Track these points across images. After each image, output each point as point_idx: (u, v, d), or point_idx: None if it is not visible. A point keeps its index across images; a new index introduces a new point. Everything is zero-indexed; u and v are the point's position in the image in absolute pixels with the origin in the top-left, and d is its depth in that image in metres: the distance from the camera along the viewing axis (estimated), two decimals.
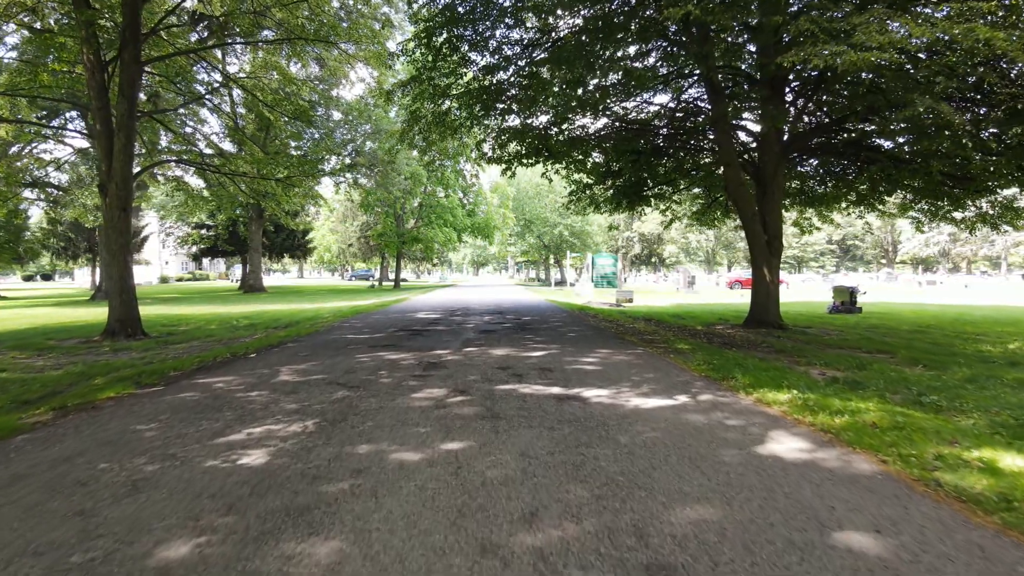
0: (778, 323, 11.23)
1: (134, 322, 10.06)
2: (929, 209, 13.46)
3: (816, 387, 4.61)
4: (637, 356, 6.22)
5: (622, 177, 14.29)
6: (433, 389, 4.36)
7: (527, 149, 12.42)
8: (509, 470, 2.53)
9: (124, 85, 10.32)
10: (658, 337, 8.54)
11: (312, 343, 7.60)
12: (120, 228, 10.15)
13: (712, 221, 16.32)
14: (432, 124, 12.71)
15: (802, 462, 2.65)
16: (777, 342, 8.51)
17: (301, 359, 6.02)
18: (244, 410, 3.69)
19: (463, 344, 7.19)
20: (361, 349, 6.81)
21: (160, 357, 6.80)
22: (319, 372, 5.15)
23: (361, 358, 6.05)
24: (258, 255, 32.90)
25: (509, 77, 11.35)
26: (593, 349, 6.78)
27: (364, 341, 7.70)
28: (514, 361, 5.75)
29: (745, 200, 11.13)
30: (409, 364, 5.60)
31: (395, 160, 29.20)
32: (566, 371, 5.15)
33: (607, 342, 7.61)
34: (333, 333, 9.03)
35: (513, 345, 7.07)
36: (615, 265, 18.24)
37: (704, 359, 5.94)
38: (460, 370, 5.22)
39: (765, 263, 11.22)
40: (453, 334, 8.44)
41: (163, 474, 2.52)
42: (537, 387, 4.43)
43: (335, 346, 7.16)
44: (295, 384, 4.59)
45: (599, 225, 44.64)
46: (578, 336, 8.33)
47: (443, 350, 6.62)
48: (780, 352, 7.31)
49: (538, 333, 8.69)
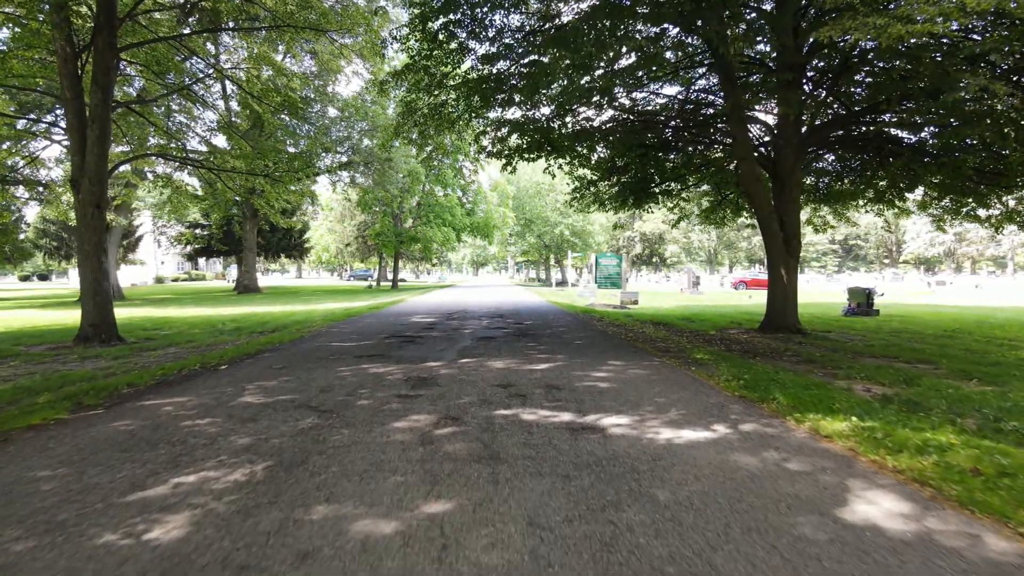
0: (796, 327, 10.53)
1: (109, 327, 9.38)
2: (952, 206, 12.77)
3: (872, 410, 3.90)
4: (654, 369, 5.50)
5: (628, 173, 13.59)
6: (420, 415, 3.65)
7: (529, 143, 11.72)
8: (513, 553, 1.82)
9: (98, 73, 9.63)
10: (672, 344, 7.82)
11: (293, 352, 6.88)
12: (93, 226, 9.45)
13: (721, 220, 15.60)
14: (428, 116, 12.01)
15: (915, 539, 1.94)
16: (802, 350, 7.80)
17: (275, 373, 5.31)
18: (184, 447, 2.98)
19: (459, 354, 6.47)
20: (345, 360, 6.09)
21: (125, 368, 6.13)
22: (290, 391, 4.44)
23: (342, 372, 5.33)
24: (253, 255, 32.17)
25: (510, 67, 10.66)
26: (604, 360, 6.06)
27: (350, 350, 6.98)
28: (516, 376, 5.03)
29: (762, 196, 10.43)
30: (396, 380, 4.88)
31: (392, 158, 28.47)
32: (576, 389, 4.44)
33: (618, 351, 6.90)
34: (319, 339, 8.32)
35: (514, 355, 6.36)
36: (619, 266, 17.52)
37: (731, 373, 5.23)
38: (453, 388, 4.50)
39: (782, 263, 10.52)
40: (448, 341, 7.73)
41: (30, 559, 1.80)
42: (544, 412, 3.71)
43: (317, 356, 6.44)
44: (258, 408, 3.87)
45: (601, 224, 43.96)
46: (585, 343, 7.62)
47: (436, 362, 5.91)
48: (810, 362, 6.61)
49: (541, 340, 7.98)
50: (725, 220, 15.80)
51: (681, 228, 61.73)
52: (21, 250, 40.27)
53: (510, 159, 12.09)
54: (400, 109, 12.78)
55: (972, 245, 53.76)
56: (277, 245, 41.99)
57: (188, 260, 44.75)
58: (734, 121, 10.33)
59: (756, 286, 34.17)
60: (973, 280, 35.69)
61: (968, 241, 53.48)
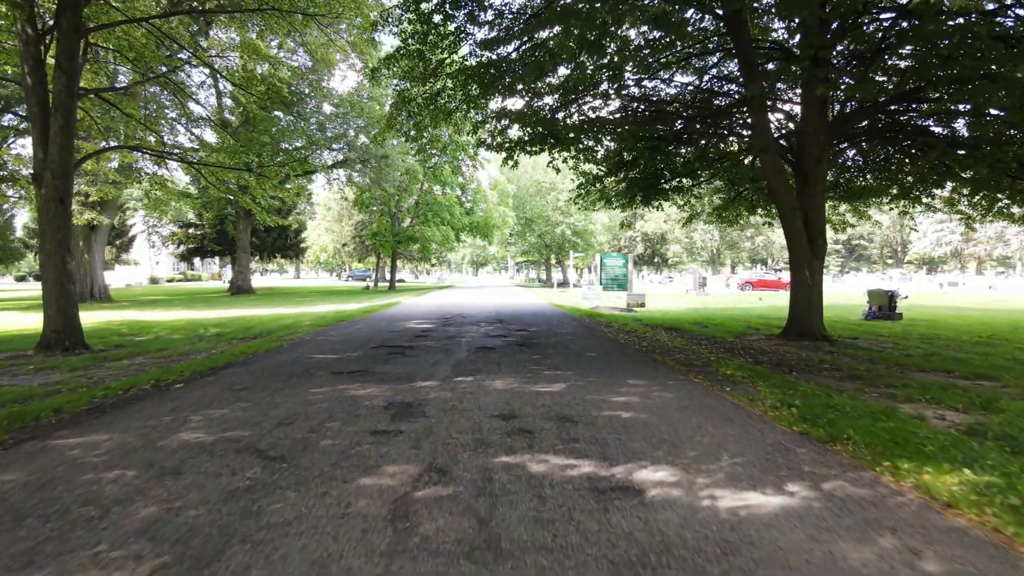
0: (822, 334, 9.70)
1: (74, 334, 8.57)
2: (983, 203, 11.94)
3: (974, 453, 3.04)
4: (683, 390, 4.65)
5: (636, 168, 12.74)
6: (396, 465, 2.79)
7: (531, 135, 10.87)
8: None
9: (62, 57, 8.82)
10: (693, 356, 6.97)
11: (265, 366, 6.03)
12: (56, 224, 8.62)
13: (734, 218, 14.73)
14: (423, 107, 11.18)
15: None
16: (839, 361, 6.96)
17: (232, 396, 4.45)
18: (60, 524, 2.12)
19: (453, 370, 5.61)
20: (321, 378, 5.23)
21: (74, 384, 5.36)
22: (241, 424, 3.58)
23: (314, 394, 4.48)
24: (246, 255, 31.32)
25: (511, 52, 9.82)
26: (622, 378, 5.20)
27: (330, 364, 6.13)
28: (520, 401, 4.17)
29: (785, 191, 9.58)
30: (375, 407, 4.02)
31: (389, 155, 27.61)
32: (596, 422, 3.58)
33: (636, 366, 6.04)
34: (300, 349, 7.46)
35: (518, 372, 5.50)
36: (626, 266, 16.67)
37: (776, 396, 4.38)
38: (443, 420, 3.65)
39: (807, 264, 9.67)
40: (443, 353, 6.87)
41: None
42: (559, 460, 2.86)
43: (290, 372, 5.59)
44: (190, 452, 3.02)
45: (603, 224, 43.16)
46: (597, 356, 6.76)
47: (426, 380, 5.05)
48: (855, 379, 5.75)
49: (547, 351, 7.12)
50: (738, 218, 14.93)
51: (682, 228, 60.86)
52: (12, 250, 39.45)
53: (511, 152, 11.26)
54: (394, 99, 11.95)
55: (980, 245, 52.89)
56: (272, 245, 41.14)
57: (182, 260, 43.89)
58: (754, 109, 9.48)
59: (762, 287, 33.35)
60: (985, 281, 34.83)
61: (975, 241, 52.61)
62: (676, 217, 58.53)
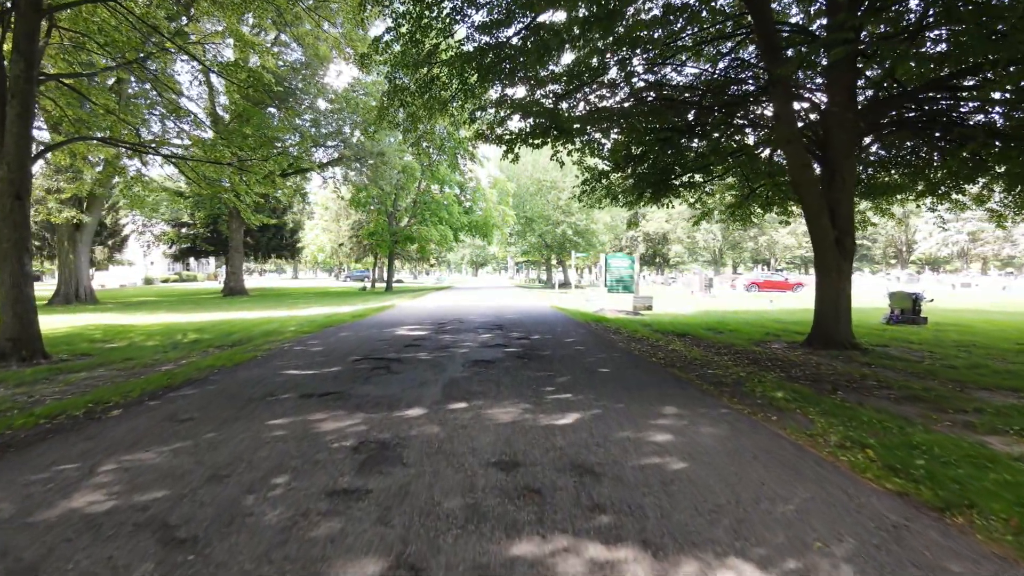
0: (851, 342, 8.87)
1: (31, 342, 7.77)
2: (1020, 199, 11.13)
3: None
4: (728, 424, 3.79)
5: (645, 162, 11.91)
6: (350, 560, 1.95)
7: (533, 126, 10.04)
8: None
9: (19, 39, 8.04)
10: (720, 371, 6.13)
11: (226, 386, 5.18)
12: (13, 221, 7.82)
13: (747, 216, 13.87)
14: (416, 95, 10.35)
15: None
16: (883, 376, 6.13)
17: (170, 431, 3.61)
18: None
19: (444, 392, 4.76)
20: (285, 403, 4.39)
21: (7, 405, 4.58)
22: (161, 478, 2.74)
23: (270, 429, 3.64)
24: (239, 256, 30.48)
25: (511, 37, 9.00)
26: (648, 404, 4.36)
27: (303, 382, 5.28)
28: (525, 442, 3.33)
29: (811, 186, 8.76)
30: (341, 450, 3.18)
31: (385, 152, 26.77)
32: (627, 478, 2.73)
33: (659, 385, 5.19)
34: (274, 362, 6.61)
35: (521, 394, 4.65)
36: (632, 267, 15.82)
37: (838, 430, 3.55)
38: (426, 472, 2.81)
39: (834, 267, 8.85)
40: (434, 368, 6.02)
41: None
42: (583, 545, 2.02)
43: (250, 394, 4.74)
44: (70, 530, 2.17)
45: (605, 223, 42.35)
46: (613, 371, 5.91)
47: (410, 408, 4.20)
48: (915, 400, 4.92)
49: (554, 365, 6.27)
50: (751, 217, 14.08)
51: (685, 227, 59.88)
52: None
53: (511, 145, 10.43)
54: (385, 86, 11.11)
55: (987, 245, 52.06)
56: (267, 245, 40.25)
57: (174, 260, 43.01)
58: (777, 97, 8.65)
59: (769, 288, 32.53)
60: (996, 281, 33.99)
61: (983, 241, 51.79)
62: (678, 216, 57.73)
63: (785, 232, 59.60)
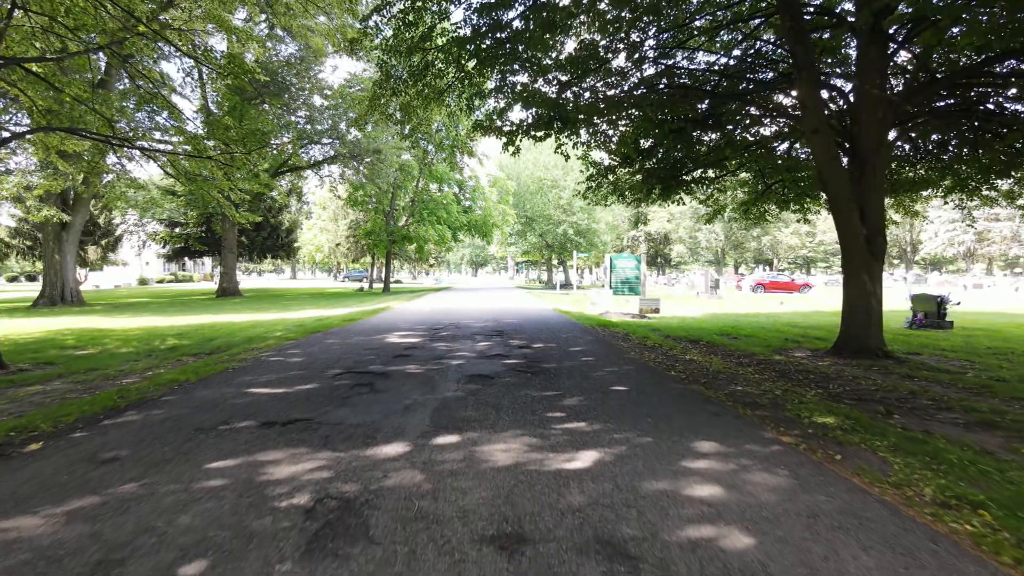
0: (883, 350, 8.11)
1: None
2: None
3: None
4: (784, 468, 3.02)
5: (655, 156, 11.17)
6: None
7: (535, 117, 9.29)
8: None
9: None
10: (750, 385, 5.37)
11: (176, 411, 4.42)
12: None
13: (761, 215, 13.11)
14: (409, 84, 9.60)
15: None
16: (933, 392, 5.37)
17: (77, 481, 2.85)
18: None
19: (433, 420, 4.00)
20: (241, 435, 3.63)
21: None
22: (15, 573, 1.99)
23: (208, 476, 2.88)
24: (233, 256, 29.69)
25: (513, 19, 8.25)
26: (679, 436, 3.59)
27: (268, 404, 4.52)
28: (534, 501, 2.56)
29: (840, 180, 7.99)
30: (290, 511, 2.41)
31: (381, 150, 25.99)
32: (673, 561, 1.98)
33: (689, 410, 4.42)
34: (243, 376, 5.84)
35: (526, 425, 3.88)
36: (638, 268, 15.05)
37: (926, 477, 2.80)
38: (398, 555, 2.04)
39: (864, 268, 8.07)
40: (424, 385, 5.25)
41: None
42: None
43: (201, 423, 3.98)
44: None
45: (607, 223, 41.59)
46: (632, 391, 5.14)
47: (391, 443, 3.43)
48: (989, 427, 4.16)
49: (561, 381, 5.51)
50: (766, 215, 13.32)
51: (687, 227, 59.04)
52: None
53: (512, 137, 9.69)
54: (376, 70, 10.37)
55: (994, 245, 51.30)
56: (262, 245, 39.47)
57: (167, 260, 42.22)
58: (803, 83, 7.88)
59: (775, 288, 31.78)
60: (1008, 282, 33.23)
61: (990, 241, 51.04)
62: (680, 216, 56.90)
63: (788, 232, 58.83)
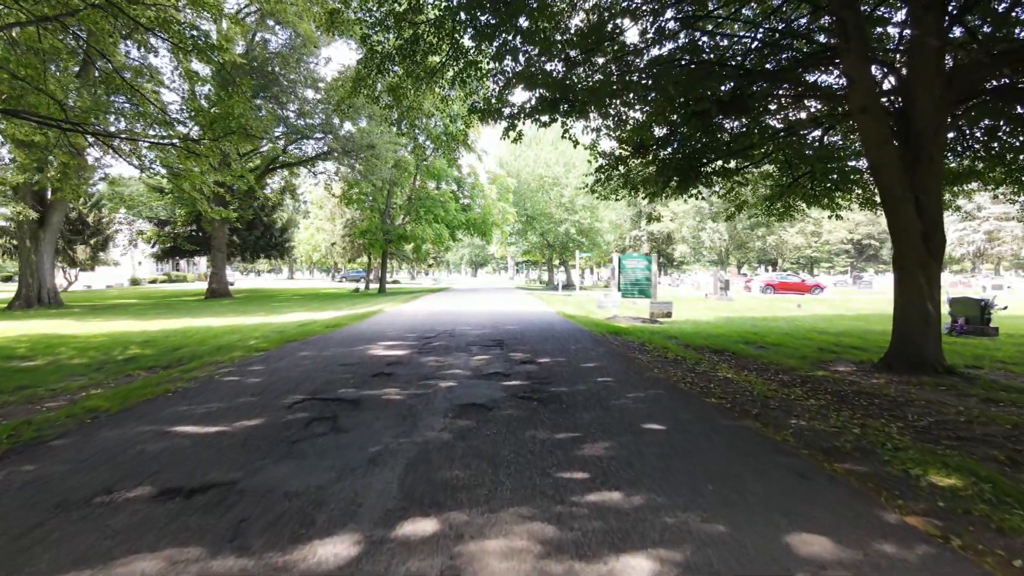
0: (943, 364, 6.97)
1: None
2: None
3: None
4: None
5: (671, 145, 10.05)
6: None
7: (539, 99, 8.17)
8: None
9: None
10: (819, 421, 4.24)
11: (54, 466, 3.29)
12: None
13: (788, 210, 11.93)
14: (397, 57, 8.49)
15: None
16: None
17: None
18: None
19: (404, 487, 2.85)
20: (116, 519, 2.50)
21: None
22: None
23: None
24: (222, 255, 28.58)
25: None
26: (770, 521, 2.47)
27: (184, 457, 3.39)
28: None
29: (893, 167, 6.85)
30: None
31: (376, 145, 24.86)
32: None
33: (761, 465, 3.28)
34: (176, 407, 4.69)
35: (535, 498, 2.73)
36: (648, 268, 13.93)
37: None
38: None
39: (920, 268, 6.92)
40: (402, 421, 4.11)
41: None
42: None
43: (75, 490, 2.85)
44: None
45: (611, 222, 40.44)
46: (673, 432, 3.99)
47: (332, 537, 2.29)
48: None
49: (577, 415, 4.36)
50: (791, 211, 12.14)
51: (689, 227, 57.84)
52: None
53: (513, 122, 8.59)
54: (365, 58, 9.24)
55: (1004, 245, 50.19)
56: (255, 244, 38.26)
57: (158, 260, 41.06)
58: (852, 54, 6.74)
59: (784, 289, 30.65)
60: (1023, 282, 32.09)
61: (1000, 241, 49.93)
62: (683, 215, 55.69)
63: (794, 231, 57.63)
